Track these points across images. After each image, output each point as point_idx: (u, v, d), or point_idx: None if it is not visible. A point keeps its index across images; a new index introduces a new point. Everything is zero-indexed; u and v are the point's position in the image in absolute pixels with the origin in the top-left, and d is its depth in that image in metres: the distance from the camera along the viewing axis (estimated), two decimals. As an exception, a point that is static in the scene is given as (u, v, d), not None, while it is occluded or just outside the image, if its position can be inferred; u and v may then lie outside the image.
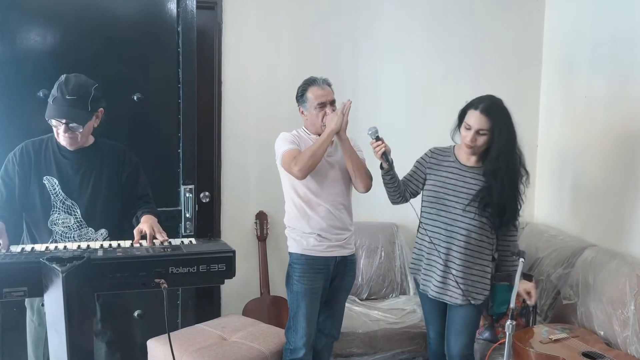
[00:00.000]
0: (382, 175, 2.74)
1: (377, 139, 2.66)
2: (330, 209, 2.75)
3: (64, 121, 2.25)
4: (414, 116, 4.01)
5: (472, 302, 2.64)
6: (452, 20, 4.00)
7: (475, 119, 2.57)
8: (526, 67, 4.11)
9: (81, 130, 2.29)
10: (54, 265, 1.70)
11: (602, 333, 2.94)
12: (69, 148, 2.34)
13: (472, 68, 4.01)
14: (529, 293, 2.63)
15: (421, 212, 2.78)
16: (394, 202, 2.82)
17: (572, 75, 3.77)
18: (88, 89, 2.29)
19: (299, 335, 2.76)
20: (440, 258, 2.66)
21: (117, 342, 2.46)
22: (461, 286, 2.62)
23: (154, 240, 2.15)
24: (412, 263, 2.88)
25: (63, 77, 2.29)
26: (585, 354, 2.69)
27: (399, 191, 2.76)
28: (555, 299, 3.35)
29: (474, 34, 4.03)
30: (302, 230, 2.76)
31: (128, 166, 2.47)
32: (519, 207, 2.66)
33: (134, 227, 2.30)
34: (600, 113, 3.48)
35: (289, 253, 2.83)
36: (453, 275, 2.64)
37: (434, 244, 2.69)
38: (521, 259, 2.56)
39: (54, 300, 1.74)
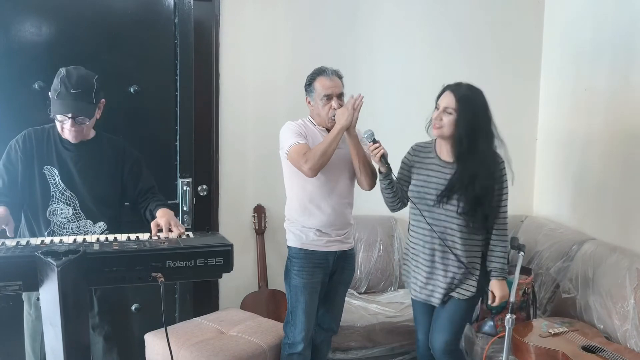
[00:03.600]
0: (380, 180, 2.69)
1: (374, 141, 2.60)
2: (335, 205, 2.71)
3: (70, 115, 2.23)
4: (411, 108, 3.97)
5: (456, 296, 2.61)
6: (450, 11, 3.98)
7: (445, 98, 2.57)
8: (526, 59, 4.09)
9: (87, 123, 2.29)
10: (49, 259, 1.69)
11: (601, 327, 2.93)
12: (73, 141, 2.33)
13: (471, 60, 3.99)
14: (494, 295, 2.59)
15: (410, 212, 2.75)
16: (393, 209, 2.78)
17: (573, 67, 3.75)
18: (90, 81, 2.28)
19: (297, 329, 2.75)
20: (425, 261, 2.63)
21: (114, 336, 2.45)
22: (444, 284, 2.60)
23: (170, 234, 2.13)
24: (403, 264, 2.85)
25: (63, 70, 2.26)
26: (584, 348, 2.68)
27: (398, 196, 2.71)
28: (554, 292, 3.34)
29: (473, 25, 4.01)
30: (302, 225, 2.74)
31: (129, 160, 2.46)
32: (500, 201, 2.58)
33: (143, 221, 2.32)
34: (600, 105, 3.46)
35: (288, 247, 2.80)
36: (439, 275, 2.61)
37: (418, 247, 2.66)
38: (521, 253, 2.56)
39: (49, 295, 1.72)
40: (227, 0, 3.66)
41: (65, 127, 2.28)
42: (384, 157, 2.59)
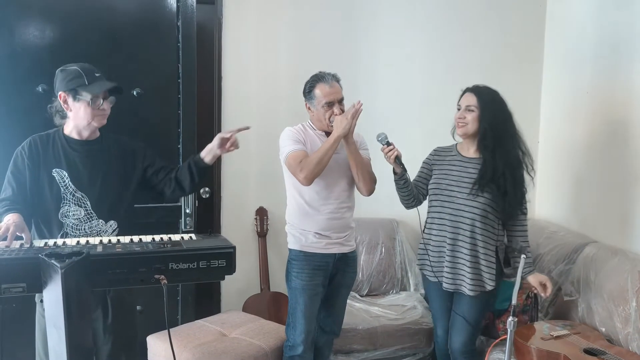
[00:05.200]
0: (395, 181, 2.75)
1: (388, 144, 2.65)
2: (333, 209, 2.73)
3: (108, 89, 2.30)
4: (414, 112, 3.99)
5: (476, 292, 2.66)
6: (452, 15, 3.99)
7: (465, 98, 2.71)
8: (528, 63, 4.10)
9: (112, 103, 2.38)
10: (52, 261, 1.69)
11: (603, 329, 2.93)
12: (100, 125, 2.36)
13: (473, 63, 3.99)
14: (544, 285, 2.69)
15: (428, 206, 2.83)
16: (408, 207, 2.85)
17: (574, 71, 3.75)
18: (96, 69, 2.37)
19: (297, 331, 2.75)
20: (448, 249, 2.70)
21: (122, 338, 2.45)
22: (469, 275, 2.66)
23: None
24: (419, 259, 2.89)
25: (72, 65, 2.32)
26: (586, 351, 2.68)
27: (413, 195, 2.79)
28: (556, 295, 3.34)
29: (475, 29, 4.01)
30: (302, 228, 2.75)
31: (140, 152, 2.49)
32: (523, 192, 2.72)
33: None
34: (602, 109, 3.46)
35: (289, 249, 2.82)
36: (461, 264, 2.68)
37: (440, 235, 2.73)
38: (523, 255, 2.56)
39: (52, 297, 1.72)
40: (229, 4, 3.67)
41: (101, 109, 2.32)
42: (398, 159, 2.64)
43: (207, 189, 3.71)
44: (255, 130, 3.74)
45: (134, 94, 3.10)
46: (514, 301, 2.32)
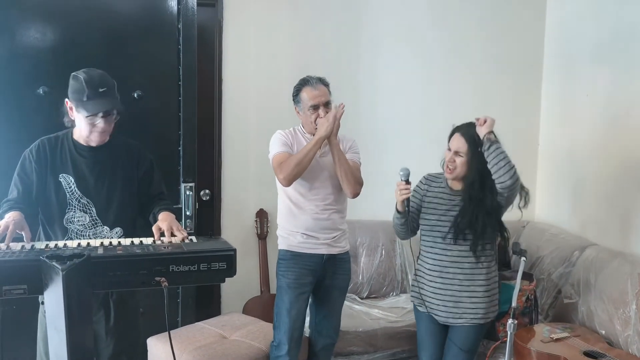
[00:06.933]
0: (395, 217, 2.71)
1: (407, 182, 2.60)
2: (318, 211, 2.73)
3: (102, 113, 2.22)
4: (414, 114, 3.99)
5: (472, 322, 2.61)
6: (452, 18, 3.99)
7: (455, 141, 2.61)
8: (528, 65, 4.10)
9: (114, 120, 2.31)
10: (54, 263, 1.69)
11: (603, 332, 2.93)
12: (98, 143, 2.31)
13: (473, 66, 4.00)
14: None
15: (420, 239, 2.76)
16: (403, 239, 2.83)
17: (574, 74, 3.76)
18: (110, 78, 2.30)
19: (282, 330, 2.76)
20: (441, 281, 2.63)
21: (124, 340, 2.45)
22: (461, 307, 2.60)
23: (173, 238, 2.13)
24: (412, 290, 2.82)
25: (81, 74, 2.25)
26: (586, 353, 2.69)
27: (410, 229, 2.73)
28: (556, 298, 3.35)
29: (475, 31, 4.02)
30: (290, 229, 2.77)
31: (143, 164, 2.45)
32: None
33: (151, 225, 2.29)
34: (602, 111, 3.47)
35: (278, 250, 2.84)
36: (453, 297, 2.61)
37: (432, 270, 2.66)
38: (523, 258, 2.56)
39: (53, 299, 1.72)
40: (230, 6, 3.68)
41: (97, 126, 2.25)
42: (407, 200, 2.62)
43: (207, 191, 3.71)
44: (255, 132, 3.79)
45: (135, 96, 3.11)
46: (513, 304, 2.33)
